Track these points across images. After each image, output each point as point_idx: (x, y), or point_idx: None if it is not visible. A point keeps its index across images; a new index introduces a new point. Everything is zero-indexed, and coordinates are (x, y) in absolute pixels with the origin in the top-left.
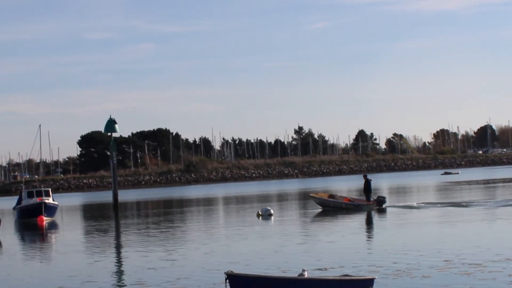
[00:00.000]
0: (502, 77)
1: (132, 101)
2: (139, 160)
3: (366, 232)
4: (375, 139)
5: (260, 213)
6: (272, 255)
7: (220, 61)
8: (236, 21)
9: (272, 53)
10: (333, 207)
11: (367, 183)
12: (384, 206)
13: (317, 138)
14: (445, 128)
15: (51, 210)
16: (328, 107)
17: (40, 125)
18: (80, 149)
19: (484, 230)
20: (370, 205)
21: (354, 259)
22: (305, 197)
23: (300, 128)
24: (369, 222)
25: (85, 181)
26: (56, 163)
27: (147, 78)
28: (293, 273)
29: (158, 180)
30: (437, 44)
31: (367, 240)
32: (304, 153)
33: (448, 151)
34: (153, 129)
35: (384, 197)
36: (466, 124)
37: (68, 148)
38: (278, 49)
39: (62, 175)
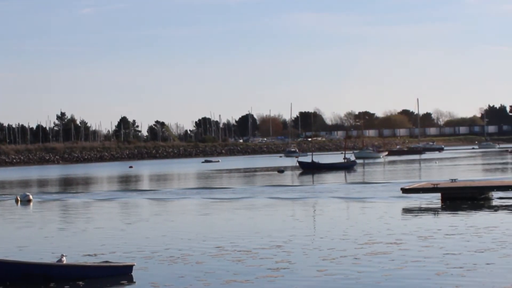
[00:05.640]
0: (262, 67)
1: None
2: None
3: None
4: (137, 126)
5: (19, 198)
6: (39, 241)
7: None
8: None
9: (43, 37)
10: None
11: None
12: None
13: (79, 124)
14: (207, 116)
15: None
16: (91, 93)
17: None
18: None
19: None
20: None
21: (123, 244)
22: (65, 182)
23: (63, 114)
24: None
25: None
26: None
27: None
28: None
29: None
30: (204, 33)
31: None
32: (66, 139)
33: (209, 140)
34: None
35: None
36: (228, 113)
37: None
38: (48, 33)
39: None
